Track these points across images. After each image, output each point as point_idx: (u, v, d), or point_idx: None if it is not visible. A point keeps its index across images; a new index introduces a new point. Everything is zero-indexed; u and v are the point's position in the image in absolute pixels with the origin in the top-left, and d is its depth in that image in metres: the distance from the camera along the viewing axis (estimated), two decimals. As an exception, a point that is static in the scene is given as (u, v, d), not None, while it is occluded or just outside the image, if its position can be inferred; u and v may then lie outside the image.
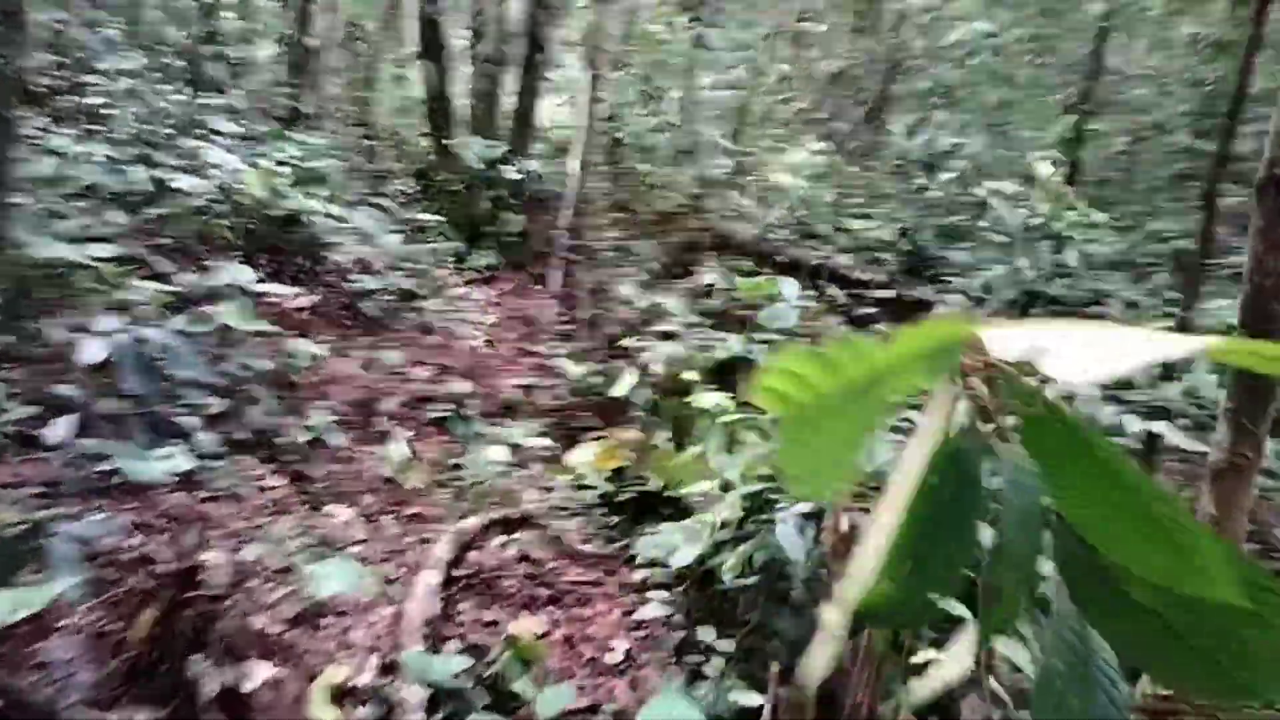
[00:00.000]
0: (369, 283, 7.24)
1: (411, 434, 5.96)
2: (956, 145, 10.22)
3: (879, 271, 9.65)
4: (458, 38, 13.45)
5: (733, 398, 4.69)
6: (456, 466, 5.49)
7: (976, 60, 12.12)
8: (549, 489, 5.18)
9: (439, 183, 10.31)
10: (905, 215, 10.46)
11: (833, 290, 8.27)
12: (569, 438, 6.13)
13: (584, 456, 5.59)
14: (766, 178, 11.35)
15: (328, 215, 7.33)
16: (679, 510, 4.30)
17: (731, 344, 5.25)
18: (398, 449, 5.57)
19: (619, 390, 5.77)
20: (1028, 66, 12.54)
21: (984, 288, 7.87)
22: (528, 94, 11.23)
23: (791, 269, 9.53)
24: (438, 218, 8.72)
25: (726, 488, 3.85)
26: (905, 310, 8.44)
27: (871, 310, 8.01)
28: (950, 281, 9.05)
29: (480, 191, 10.02)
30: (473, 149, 10.18)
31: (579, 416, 6.24)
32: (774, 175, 10.97)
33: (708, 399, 4.64)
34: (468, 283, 8.80)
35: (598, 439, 5.76)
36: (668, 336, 6.22)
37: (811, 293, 7.65)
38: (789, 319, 7.07)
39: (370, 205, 8.19)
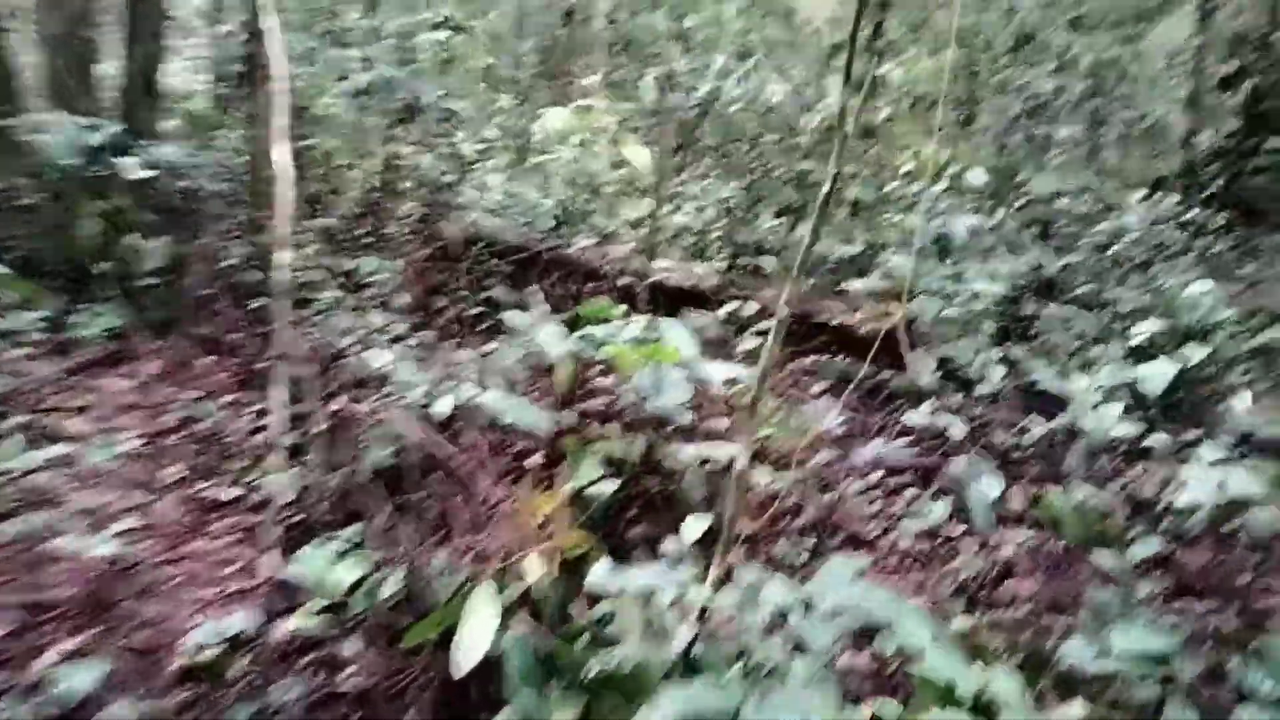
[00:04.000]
0: None
1: None
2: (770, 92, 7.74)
3: (709, 275, 7.00)
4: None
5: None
6: None
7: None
8: None
9: None
10: (721, 191, 7.85)
11: (700, 319, 5.45)
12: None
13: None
14: (523, 152, 8.27)
15: None
16: None
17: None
18: None
19: (468, 656, 2.59)
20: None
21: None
22: (144, 45, 7.19)
23: (593, 280, 6.67)
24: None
25: None
26: (818, 340, 5.83)
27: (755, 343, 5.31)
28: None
29: (82, 203, 6.02)
30: (62, 132, 6.09)
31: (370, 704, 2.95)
32: (541, 149, 7.93)
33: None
34: (74, 373, 4.94)
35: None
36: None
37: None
38: (680, 395, 4.30)
39: None
